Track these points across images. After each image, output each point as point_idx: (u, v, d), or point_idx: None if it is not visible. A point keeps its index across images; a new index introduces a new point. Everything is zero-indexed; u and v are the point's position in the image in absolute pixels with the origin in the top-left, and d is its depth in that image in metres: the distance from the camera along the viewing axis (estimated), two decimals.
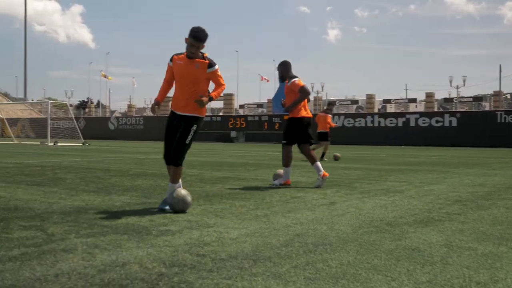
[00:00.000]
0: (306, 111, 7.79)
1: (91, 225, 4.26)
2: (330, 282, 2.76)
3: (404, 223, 4.57)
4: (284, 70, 7.87)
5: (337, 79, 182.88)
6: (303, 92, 7.62)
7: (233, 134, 43.40)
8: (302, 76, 7.83)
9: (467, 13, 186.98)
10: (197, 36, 5.18)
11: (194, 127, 5.35)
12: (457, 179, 9.13)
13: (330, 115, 16.38)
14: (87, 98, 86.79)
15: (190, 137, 5.32)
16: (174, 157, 5.29)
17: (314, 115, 12.89)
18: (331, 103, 17.79)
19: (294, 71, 7.83)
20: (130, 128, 50.39)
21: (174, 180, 5.34)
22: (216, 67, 5.35)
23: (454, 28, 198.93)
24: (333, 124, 16.41)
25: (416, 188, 7.46)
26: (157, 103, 5.47)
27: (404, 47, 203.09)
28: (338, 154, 15.80)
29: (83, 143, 30.68)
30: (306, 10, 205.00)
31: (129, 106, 67.14)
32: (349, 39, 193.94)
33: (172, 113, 5.46)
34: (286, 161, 7.73)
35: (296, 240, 3.79)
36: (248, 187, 7.41)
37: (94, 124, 52.86)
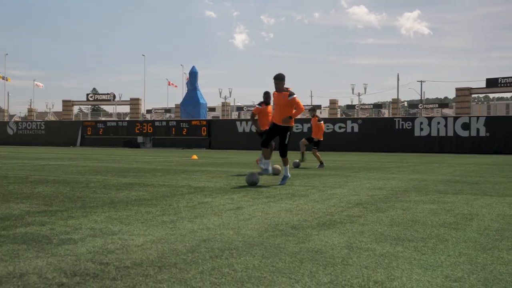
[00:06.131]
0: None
1: None
2: (236, 286, 2.79)
3: (308, 226, 4.71)
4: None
5: (245, 84, 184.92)
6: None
7: (140, 139, 42.53)
8: (209, 82, 7.99)
9: (368, 23, 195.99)
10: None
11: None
12: (358, 183, 9.54)
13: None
14: None
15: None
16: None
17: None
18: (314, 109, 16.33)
19: (201, 77, 7.95)
20: (31, 133, 47.92)
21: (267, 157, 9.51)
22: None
23: (356, 37, 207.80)
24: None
25: (319, 192, 7.71)
26: None
27: (309, 55, 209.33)
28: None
29: None
30: (213, 14, 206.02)
31: (30, 110, 64.11)
32: (256, 44, 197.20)
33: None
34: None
35: (203, 245, 3.79)
36: (155, 193, 7.31)
37: None
